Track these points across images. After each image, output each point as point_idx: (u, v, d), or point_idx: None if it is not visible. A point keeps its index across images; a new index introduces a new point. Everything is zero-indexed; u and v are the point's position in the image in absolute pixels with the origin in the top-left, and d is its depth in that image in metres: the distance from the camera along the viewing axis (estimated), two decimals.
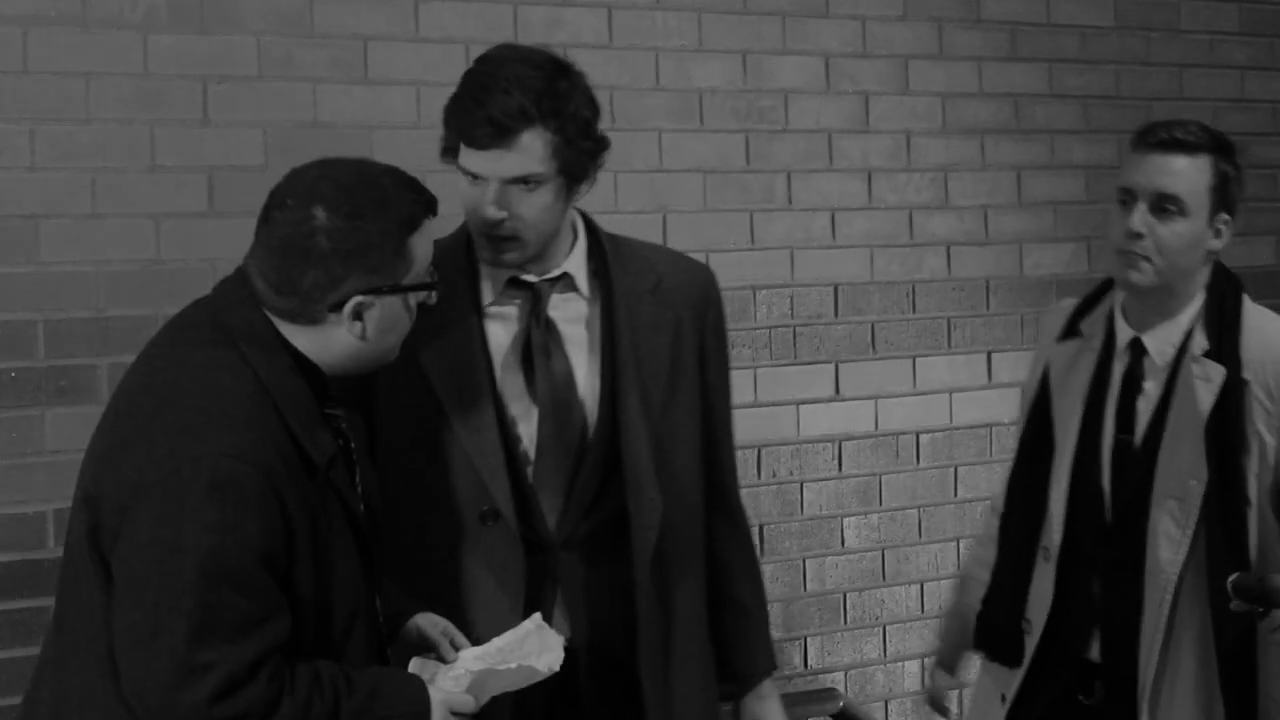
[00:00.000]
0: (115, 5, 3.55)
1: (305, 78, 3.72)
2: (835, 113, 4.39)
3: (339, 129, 3.74)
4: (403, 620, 2.41)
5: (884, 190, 4.46)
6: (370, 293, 2.15)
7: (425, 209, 2.21)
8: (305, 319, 2.16)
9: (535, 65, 2.48)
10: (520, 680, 2.35)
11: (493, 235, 2.49)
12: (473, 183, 2.48)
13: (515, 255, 2.53)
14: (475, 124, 2.44)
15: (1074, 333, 3.02)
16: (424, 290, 2.23)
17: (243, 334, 2.15)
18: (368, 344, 2.20)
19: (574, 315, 2.62)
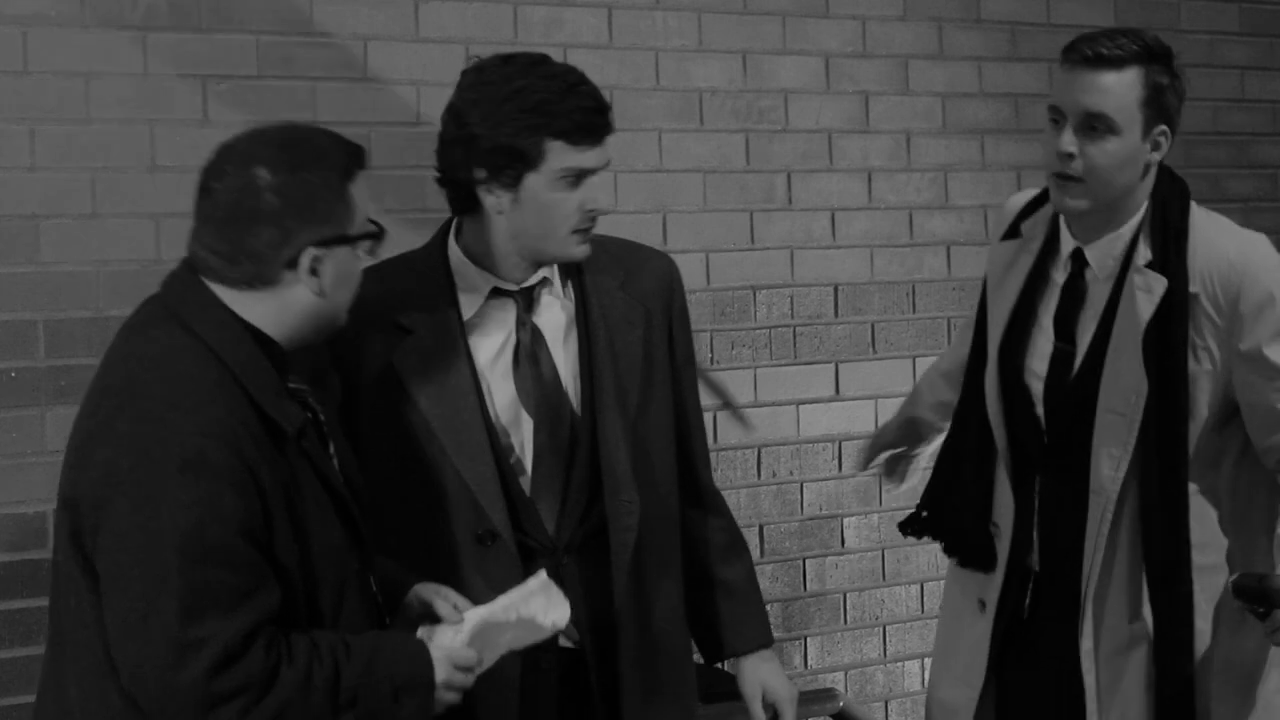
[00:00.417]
0: (115, 5, 3.55)
1: (305, 78, 3.72)
2: (835, 113, 4.39)
3: (339, 129, 3.71)
4: (402, 594, 2.39)
5: (884, 190, 4.46)
6: (323, 244, 2.16)
7: (357, 159, 2.23)
8: (262, 282, 2.16)
9: (549, 60, 2.52)
10: (525, 637, 2.33)
11: (590, 226, 2.53)
12: (574, 185, 2.48)
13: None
14: (588, 115, 2.45)
15: (1015, 233, 2.95)
16: (372, 239, 2.23)
17: (196, 317, 2.15)
18: (325, 300, 2.19)
19: (555, 319, 2.61)
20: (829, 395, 4.39)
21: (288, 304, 2.18)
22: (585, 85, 2.47)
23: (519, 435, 2.57)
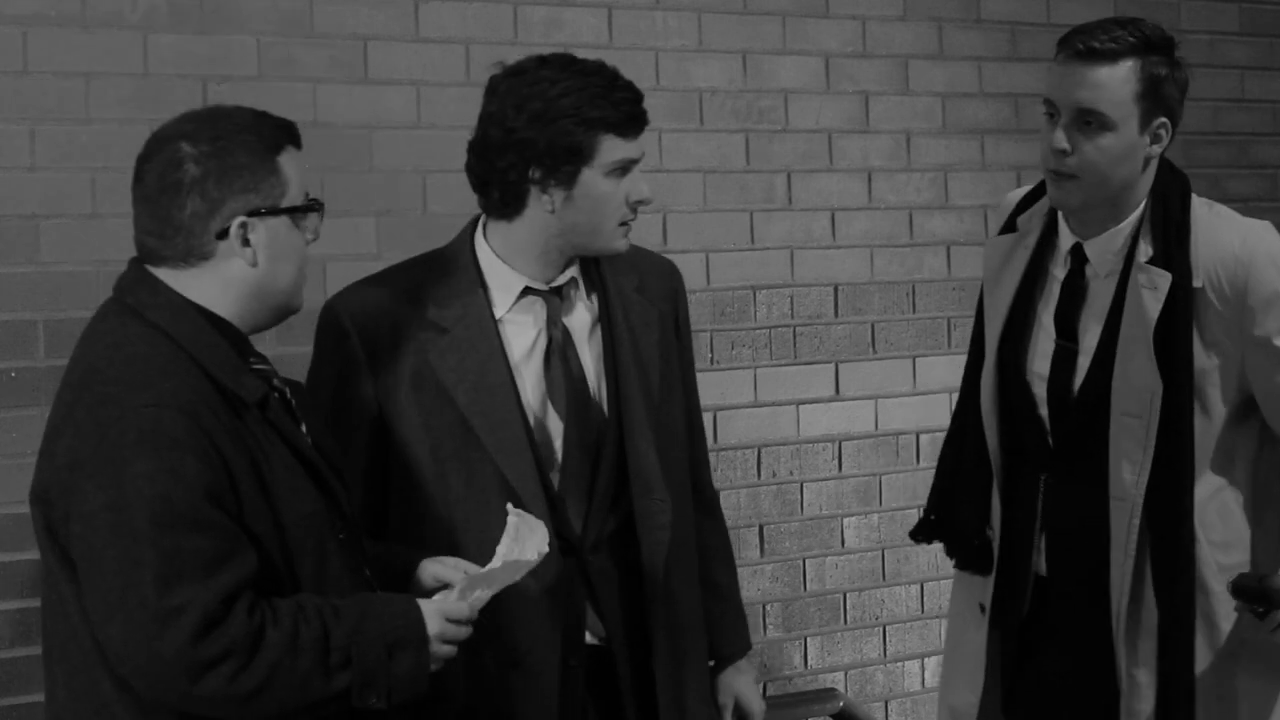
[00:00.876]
0: (115, 5, 3.55)
1: (305, 78, 3.72)
2: (835, 113, 4.39)
3: (339, 129, 3.74)
4: (412, 570, 2.40)
5: (884, 190, 4.46)
6: (253, 214, 2.16)
7: (287, 134, 2.23)
8: (196, 255, 2.17)
9: (578, 59, 2.59)
10: (513, 574, 2.31)
11: (631, 220, 2.59)
12: (621, 176, 2.55)
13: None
14: (634, 106, 2.54)
15: (1011, 227, 2.91)
16: (306, 212, 2.23)
17: (146, 304, 2.17)
18: (262, 272, 2.19)
19: (581, 319, 2.65)
20: (829, 395, 4.39)
21: (227, 278, 2.18)
22: (622, 79, 2.55)
23: (551, 432, 2.60)
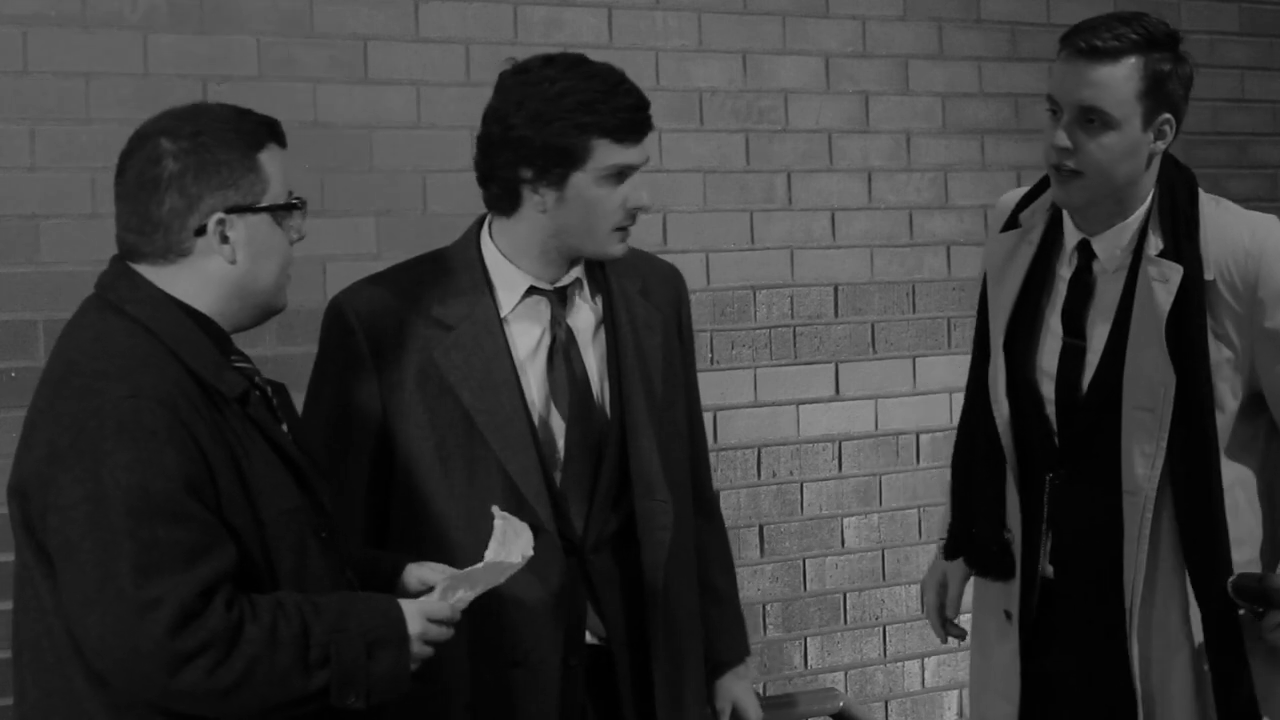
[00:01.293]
0: (115, 5, 3.55)
1: (305, 78, 3.72)
2: (835, 113, 4.39)
3: (339, 129, 3.74)
4: (396, 575, 2.39)
5: (884, 190, 4.46)
6: (231, 211, 2.15)
7: (269, 131, 2.22)
8: (175, 252, 2.16)
9: (587, 60, 2.55)
10: (496, 576, 2.29)
11: (628, 226, 2.57)
12: (617, 181, 2.52)
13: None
14: (633, 112, 2.49)
15: (1014, 224, 2.89)
16: (289, 210, 2.22)
17: (127, 299, 2.17)
18: (241, 270, 2.18)
19: (584, 320, 2.65)
20: (829, 395, 4.39)
21: (206, 275, 2.17)
22: (626, 84, 2.51)
23: (554, 432, 2.60)
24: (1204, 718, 2.76)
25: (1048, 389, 2.83)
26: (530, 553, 2.32)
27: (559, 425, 2.60)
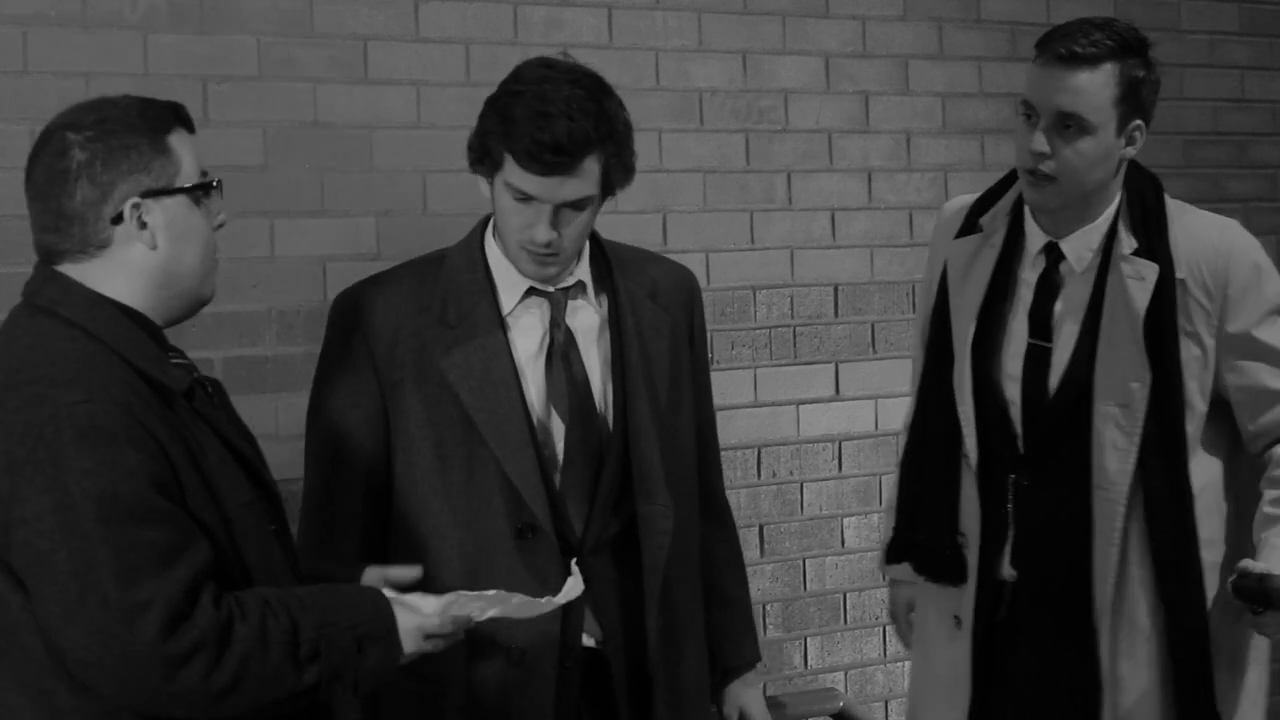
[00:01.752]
0: (115, 5, 3.55)
1: (305, 78, 3.72)
2: (835, 113, 4.39)
3: (339, 129, 3.74)
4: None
5: (884, 190, 4.46)
6: (145, 195, 2.12)
7: (176, 116, 2.20)
8: (94, 244, 2.12)
9: (584, 86, 2.49)
10: (498, 604, 2.28)
11: (538, 253, 2.52)
12: (523, 203, 2.48)
13: (557, 270, 2.58)
14: (539, 149, 2.43)
15: (973, 228, 2.91)
16: (204, 191, 2.18)
17: (57, 301, 2.13)
18: (163, 255, 2.14)
19: (587, 322, 2.65)
20: (829, 395, 4.39)
21: (129, 266, 2.14)
22: (561, 121, 2.43)
23: (553, 433, 2.59)
24: (1166, 715, 2.77)
25: (1012, 391, 2.84)
26: (560, 602, 2.34)
27: (558, 426, 2.59)
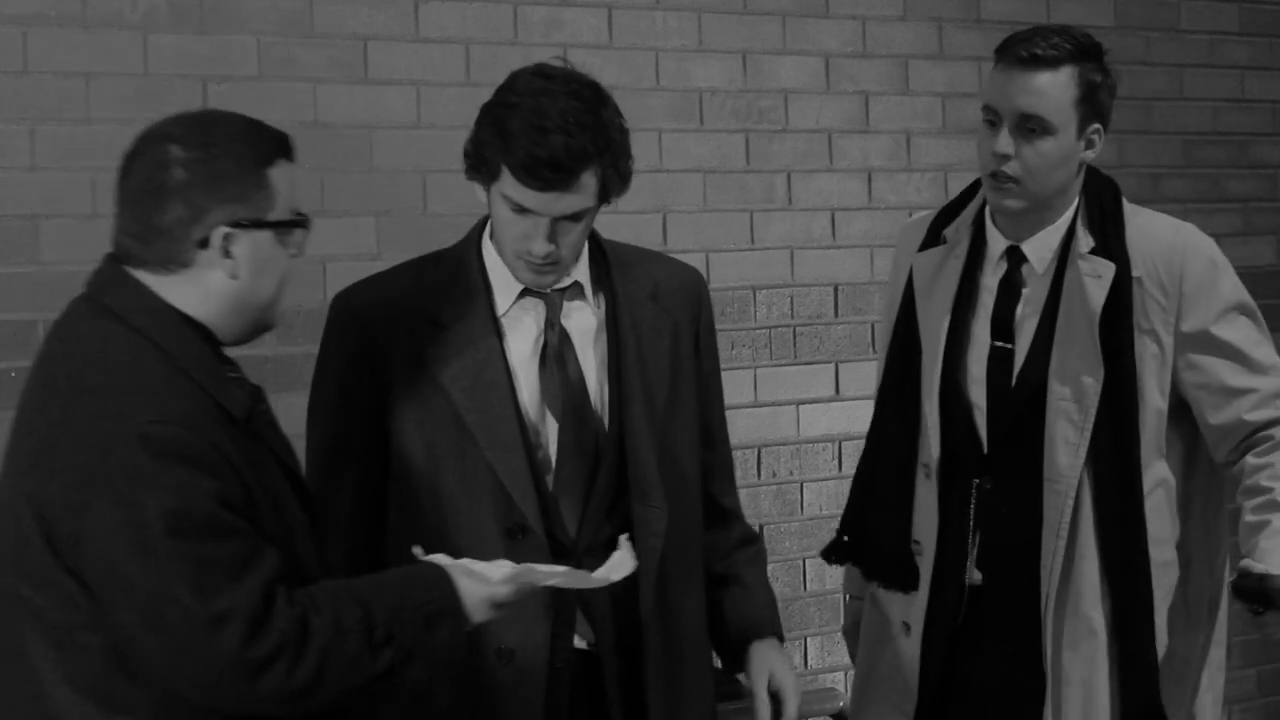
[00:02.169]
0: (115, 5, 3.55)
1: (305, 78, 3.72)
2: (835, 113, 4.39)
3: (339, 129, 3.74)
4: None
5: (884, 190, 4.46)
6: (236, 225, 2.11)
7: (281, 147, 2.17)
8: (176, 262, 2.11)
9: (580, 98, 2.47)
10: (557, 575, 2.32)
11: (536, 263, 2.51)
12: (519, 214, 2.47)
13: (554, 278, 2.57)
14: (536, 164, 2.41)
15: (937, 240, 2.95)
16: (294, 228, 2.18)
17: (125, 306, 2.12)
18: (242, 286, 2.13)
19: (583, 323, 2.63)
20: (829, 395, 4.39)
21: (206, 288, 2.13)
22: (558, 136, 2.41)
23: (546, 434, 2.58)
24: (1108, 707, 2.80)
25: (976, 395, 2.87)
26: (614, 579, 2.36)
27: (552, 427, 2.58)
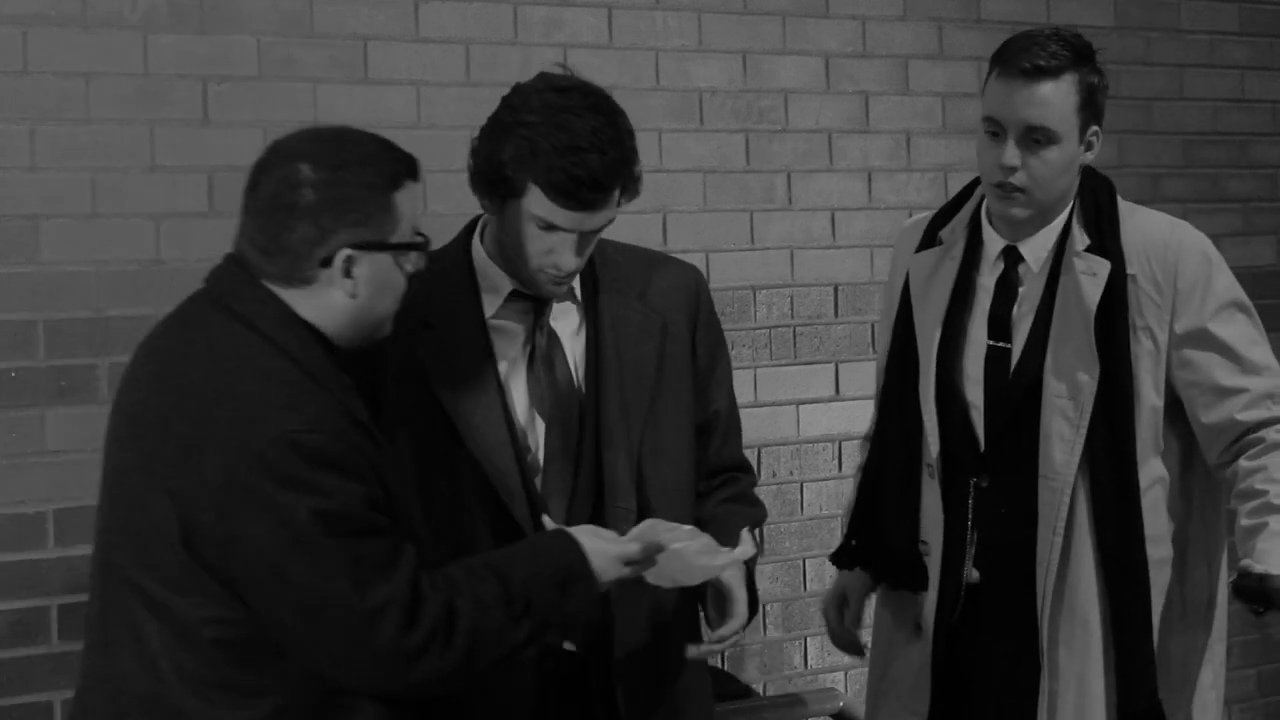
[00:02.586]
0: (115, 5, 3.55)
1: (305, 78, 3.72)
2: (835, 113, 4.39)
3: None
4: None
5: (884, 190, 4.46)
6: (359, 247, 2.16)
7: (408, 169, 2.22)
8: (298, 279, 2.16)
9: (602, 112, 2.47)
10: (685, 539, 2.39)
11: (560, 277, 2.53)
12: (546, 230, 2.47)
13: (566, 287, 2.58)
14: (575, 186, 2.41)
15: (933, 241, 2.97)
16: (413, 250, 2.23)
17: (254, 312, 2.17)
18: (360, 304, 2.19)
19: (570, 324, 2.63)
20: (829, 395, 4.39)
21: (325, 303, 2.19)
22: (594, 154, 2.42)
23: (533, 435, 2.59)
24: (1103, 703, 2.80)
25: (974, 394, 2.88)
26: (739, 558, 2.44)
27: (540, 429, 2.58)
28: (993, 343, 2.87)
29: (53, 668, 3.44)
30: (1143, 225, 2.85)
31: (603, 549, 2.31)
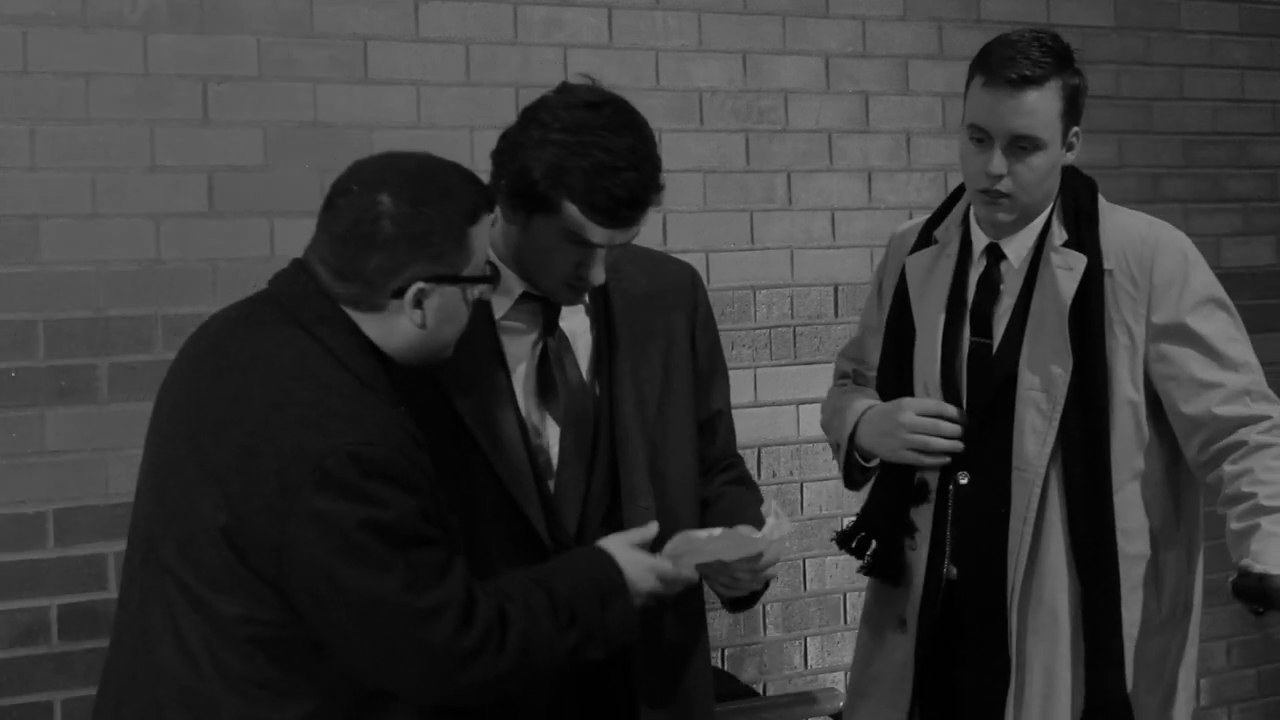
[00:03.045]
0: (115, 5, 3.55)
1: (305, 78, 3.73)
2: (835, 113, 4.40)
3: (339, 129, 3.74)
4: None
5: (884, 190, 4.46)
6: (432, 280, 2.19)
7: (486, 202, 2.26)
8: (367, 305, 2.20)
9: (631, 128, 2.46)
10: (734, 547, 2.41)
11: (585, 289, 2.54)
12: (577, 245, 2.47)
13: (584, 296, 2.61)
14: (615, 205, 2.41)
15: (929, 241, 3.00)
16: (483, 283, 2.27)
17: (318, 323, 2.19)
18: (427, 334, 2.23)
19: (579, 325, 2.64)
20: None
21: (392, 329, 2.22)
22: (632, 172, 2.42)
23: (547, 437, 2.59)
24: (1069, 694, 2.81)
25: (963, 389, 2.89)
26: (774, 537, 2.47)
27: (552, 430, 2.59)
28: (974, 339, 2.90)
29: (53, 668, 3.44)
30: (1122, 222, 2.88)
31: (635, 560, 2.35)
